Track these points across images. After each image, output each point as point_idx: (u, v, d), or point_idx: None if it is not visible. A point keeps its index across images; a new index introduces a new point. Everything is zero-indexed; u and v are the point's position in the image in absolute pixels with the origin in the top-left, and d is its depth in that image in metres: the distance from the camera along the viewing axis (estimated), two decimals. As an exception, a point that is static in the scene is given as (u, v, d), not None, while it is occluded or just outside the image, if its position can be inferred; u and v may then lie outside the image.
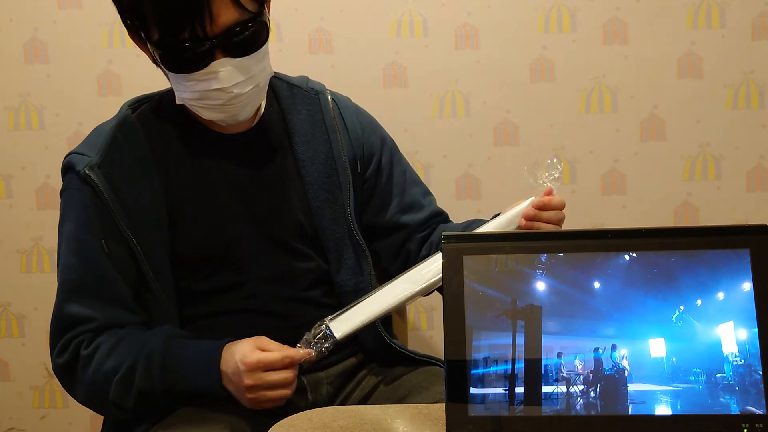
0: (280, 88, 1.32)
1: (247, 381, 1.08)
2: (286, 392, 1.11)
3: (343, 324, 1.14)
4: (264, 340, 1.12)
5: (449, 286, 0.88)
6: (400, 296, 1.16)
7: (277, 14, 1.89)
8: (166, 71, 1.17)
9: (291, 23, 1.89)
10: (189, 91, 1.15)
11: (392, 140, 1.42)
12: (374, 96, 1.88)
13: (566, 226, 1.22)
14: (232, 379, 1.11)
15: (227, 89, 1.13)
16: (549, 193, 1.20)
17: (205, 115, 1.19)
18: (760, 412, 0.82)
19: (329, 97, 1.34)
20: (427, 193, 1.43)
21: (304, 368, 1.17)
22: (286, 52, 1.88)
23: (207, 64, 1.11)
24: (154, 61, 1.17)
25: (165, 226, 1.21)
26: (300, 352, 1.11)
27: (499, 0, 1.88)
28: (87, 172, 1.17)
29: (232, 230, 1.24)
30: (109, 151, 1.20)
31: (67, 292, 1.18)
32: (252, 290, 1.25)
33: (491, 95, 1.91)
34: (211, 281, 1.25)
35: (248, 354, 1.09)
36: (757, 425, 0.81)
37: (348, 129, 1.33)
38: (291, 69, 1.39)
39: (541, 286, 0.87)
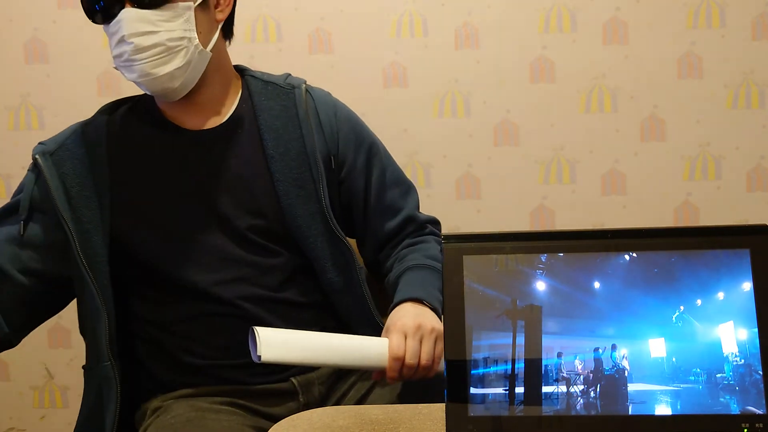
0: (254, 86, 1.30)
1: None
2: None
3: (273, 349, 1.01)
4: None
5: (449, 286, 0.88)
6: (341, 360, 1.06)
7: (277, 14, 1.89)
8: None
9: (291, 23, 1.89)
10: (111, 49, 1.18)
11: (372, 139, 1.36)
12: (374, 96, 1.88)
13: (566, 226, 1.22)
14: None
15: (126, 38, 1.14)
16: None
17: (127, 76, 1.19)
18: (760, 412, 0.82)
19: (304, 91, 1.31)
20: (406, 192, 1.37)
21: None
22: (286, 52, 1.88)
23: (116, 14, 1.14)
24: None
25: (107, 220, 1.21)
26: None
27: (499, 0, 1.88)
28: (37, 157, 1.21)
29: (191, 230, 1.22)
30: (66, 142, 1.23)
31: None
32: (217, 293, 1.21)
33: (491, 95, 1.91)
34: (173, 284, 1.22)
35: None
36: (757, 425, 0.81)
37: (322, 124, 1.30)
38: (291, 69, 1.38)
39: (541, 286, 0.87)
